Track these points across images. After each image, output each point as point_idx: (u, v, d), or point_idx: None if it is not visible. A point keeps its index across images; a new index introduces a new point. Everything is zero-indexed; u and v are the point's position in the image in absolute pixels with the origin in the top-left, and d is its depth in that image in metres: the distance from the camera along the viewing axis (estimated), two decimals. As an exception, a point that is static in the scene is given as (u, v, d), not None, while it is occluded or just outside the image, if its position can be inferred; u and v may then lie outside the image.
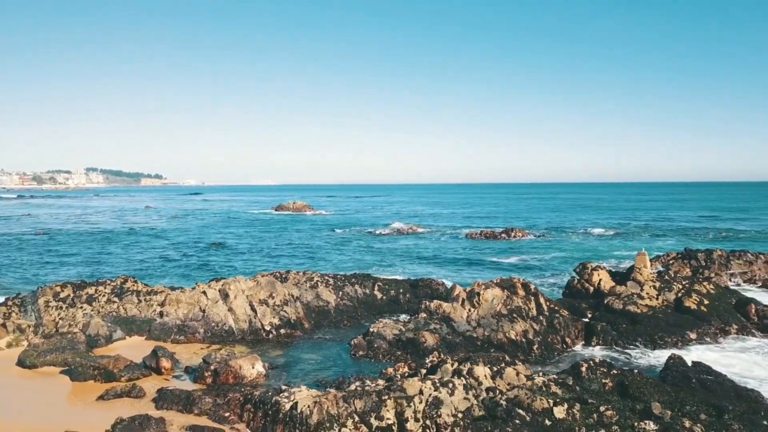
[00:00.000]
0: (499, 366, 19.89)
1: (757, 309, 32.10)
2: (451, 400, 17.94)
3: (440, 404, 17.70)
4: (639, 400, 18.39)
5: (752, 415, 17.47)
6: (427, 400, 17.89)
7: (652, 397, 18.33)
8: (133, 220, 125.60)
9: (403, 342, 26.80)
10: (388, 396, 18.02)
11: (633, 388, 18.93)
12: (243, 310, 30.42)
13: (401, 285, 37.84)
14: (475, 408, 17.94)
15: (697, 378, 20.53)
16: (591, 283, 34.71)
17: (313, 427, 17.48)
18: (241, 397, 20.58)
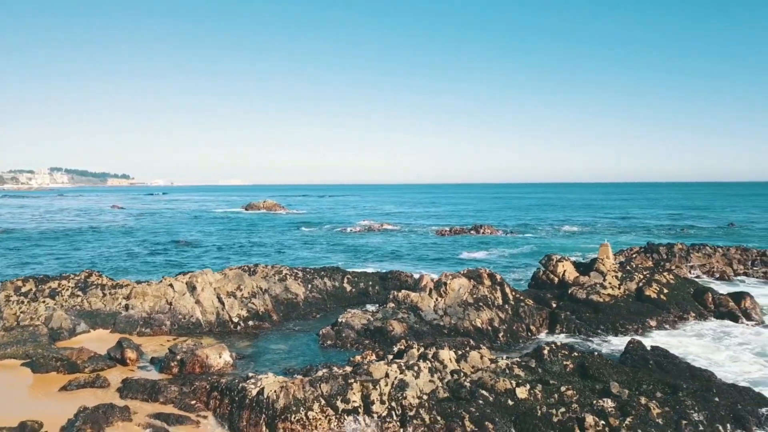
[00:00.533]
0: (464, 350, 20.25)
1: (714, 297, 33.23)
2: (416, 383, 18.21)
3: (406, 386, 17.97)
4: (598, 380, 18.94)
5: (704, 393, 18.17)
6: (393, 382, 18.14)
7: (611, 378, 18.90)
8: (99, 218, 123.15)
9: (371, 331, 27.02)
10: (354, 379, 18.22)
11: (593, 369, 19.48)
12: (210, 302, 30.25)
13: (370, 278, 38.06)
14: (440, 390, 18.26)
15: (654, 360, 21.22)
16: (556, 274, 35.43)
17: (280, 411, 17.56)
18: (208, 386, 20.51)
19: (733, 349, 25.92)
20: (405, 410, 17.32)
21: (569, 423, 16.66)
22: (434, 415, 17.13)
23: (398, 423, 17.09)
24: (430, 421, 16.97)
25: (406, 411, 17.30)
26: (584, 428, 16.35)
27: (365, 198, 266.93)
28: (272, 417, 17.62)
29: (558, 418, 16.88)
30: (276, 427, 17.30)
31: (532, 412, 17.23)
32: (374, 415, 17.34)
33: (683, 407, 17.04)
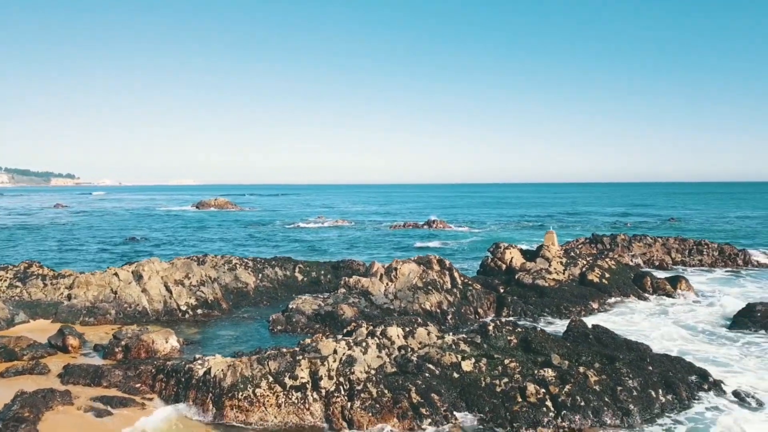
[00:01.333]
0: (412, 327, 20.59)
1: (652, 281, 34.74)
2: (364, 358, 18.43)
3: (353, 362, 18.15)
4: (540, 353, 19.60)
5: (639, 362, 19.05)
6: (341, 358, 18.30)
7: (552, 351, 19.58)
8: (41, 216, 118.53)
9: (321, 316, 27.09)
10: (302, 356, 18.29)
11: (535, 344, 20.14)
12: (157, 290, 29.68)
13: (323, 267, 38.08)
14: (388, 365, 18.53)
15: (593, 335, 22.08)
16: (503, 260, 36.29)
17: (227, 389, 17.48)
18: (153, 369, 20.18)
19: (669, 325, 27.21)
20: (353, 384, 17.50)
21: (512, 392, 17.20)
22: (381, 388, 17.37)
23: (346, 397, 17.25)
24: (378, 394, 17.20)
25: (353, 385, 17.48)
26: (526, 396, 16.92)
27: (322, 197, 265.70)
28: (219, 395, 17.51)
29: (501, 388, 17.40)
30: (223, 405, 17.21)
31: (477, 383, 17.70)
32: (322, 391, 17.46)
33: (619, 375, 17.83)
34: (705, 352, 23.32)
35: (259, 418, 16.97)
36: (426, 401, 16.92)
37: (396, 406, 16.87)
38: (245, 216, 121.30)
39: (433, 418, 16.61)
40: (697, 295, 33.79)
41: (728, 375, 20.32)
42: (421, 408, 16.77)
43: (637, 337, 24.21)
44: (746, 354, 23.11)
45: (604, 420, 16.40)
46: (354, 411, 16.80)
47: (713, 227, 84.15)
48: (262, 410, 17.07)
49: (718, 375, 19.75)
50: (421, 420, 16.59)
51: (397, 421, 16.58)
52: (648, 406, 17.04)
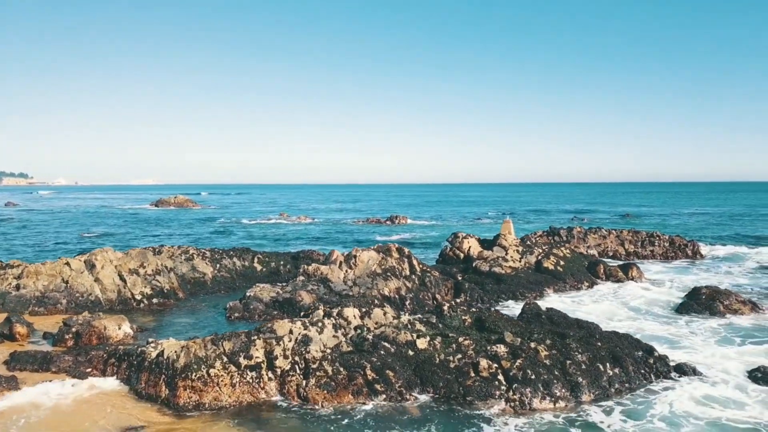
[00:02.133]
0: (369, 308, 20.72)
1: (605, 268, 35.74)
2: (320, 338, 18.47)
3: (309, 341, 18.17)
4: (494, 332, 19.96)
5: (589, 338, 19.61)
6: (297, 338, 18.30)
7: (505, 329, 19.97)
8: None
9: (279, 303, 26.98)
10: (257, 336, 18.22)
11: (489, 323, 20.51)
12: (111, 280, 29.06)
13: (282, 257, 37.88)
14: (344, 344, 18.61)
15: (546, 315, 22.62)
16: (462, 249, 36.77)
17: (180, 369, 17.28)
18: (105, 354, 19.80)
19: (620, 308, 28.11)
20: (308, 363, 17.54)
21: (465, 368, 17.50)
22: (337, 366, 17.45)
23: (301, 375, 17.28)
24: (333, 372, 17.28)
25: (309, 364, 17.52)
26: (479, 371, 17.24)
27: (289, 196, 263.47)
28: (172, 376, 17.29)
29: (455, 363, 17.68)
30: (176, 386, 16.99)
31: (431, 360, 17.95)
32: (277, 370, 17.43)
33: (569, 350, 18.32)
34: (652, 331, 24.16)
35: (213, 398, 16.81)
36: (381, 378, 17.08)
37: (351, 383, 16.98)
38: (206, 213, 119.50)
39: (387, 393, 16.78)
40: (648, 281, 34.91)
41: (673, 351, 21.12)
42: (375, 384, 16.92)
43: (589, 318, 24.88)
44: (690, 332, 24.05)
45: (554, 392, 16.84)
46: (309, 388, 16.84)
47: (666, 222, 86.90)
48: (216, 390, 16.93)
49: (664, 351, 20.48)
50: (376, 396, 16.74)
51: (352, 398, 16.69)
52: (596, 378, 17.56)
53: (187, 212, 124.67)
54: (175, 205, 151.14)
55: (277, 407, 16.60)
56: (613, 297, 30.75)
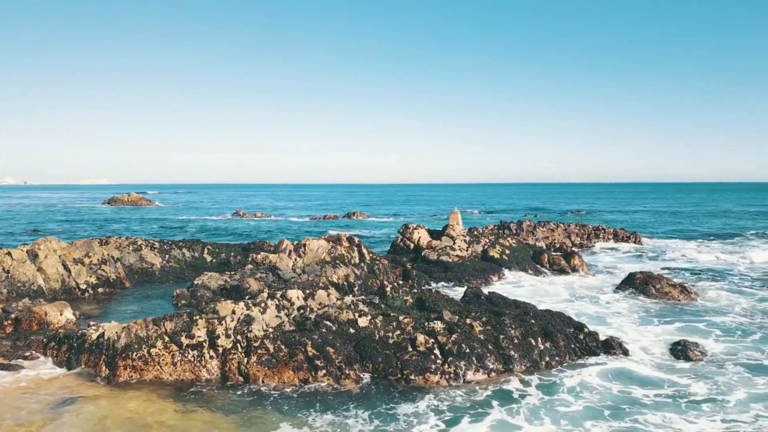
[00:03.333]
0: (313, 290, 21.14)
1: (549, 257, 37.02)
2: (262, 318, 18.80)
3: (251, 321, 18.49)
4: (434, 311, 20.67)
5: (523, 316, 20.50)
6: (239, 318, 18.59)
7: (444, 308, 20.69)
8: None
9: (227, 290, 27.11)
10: (199, 317, 18.43)
11: (429, 302, 21.22)
12: (55, 269, 28.61)
13: (233, 248, 37.86)
14: (286, 323, 18.99)
15: (485, 297, 23.48)
16: (412, 240, 37.52)
17: (120, 349, 17.37)
18: (45, 338, 19.68)
19: (559, 292, 29.26)
20: (250, 342, 17.85)
21: (403, 343, 18.11)
22: (278, 344, 17.82)
23: (243, 353, 17.58)
24: (275, 349, 17.64)
25: (251, 342, 17.84)
26: (416, 346, 17.88)
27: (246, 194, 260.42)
28: (113, 356, 17.37)
29: (394, 339, 18.28)
30: (117, 365, 17.09)
31: (372, 337, 18.49)
32: (219, 348, 17.70)
33: (503, 326, 19.15)
34: (588, 311, 25.33)
35: (153, 376, 16.98)
36: (321, 354, 17.53)
37: (292, 359, 17.38)
38: (160, 211, 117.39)
39: (328, 369, 17.24)
40: (589, 268, 36.36)
41: (604, 329, 22.23)
42: (316, 360, 17.36)
43: (529, 301, 25.90)
44: (621, 313, 25.32)
45: (487, 365, 17.63)
46: (250, 365, 17.17)
47: (613, 218, 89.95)
48: (157, 368, 17.10)
49: (595, 329, 21.54)
50: (316, 371, 17.18)
51: (293, 374, 17.09)
52: (527, 352, 18.43)
53: (141, 210, 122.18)
54: (128, 203, 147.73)
55: (217, 384, 16.88)
56: (555, 282, 31.97)
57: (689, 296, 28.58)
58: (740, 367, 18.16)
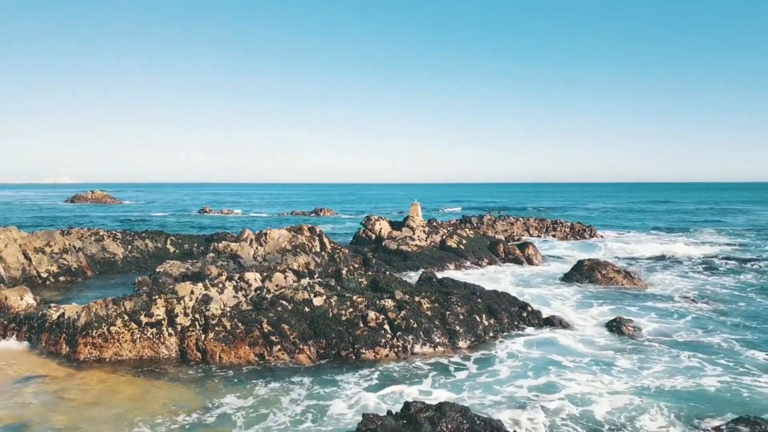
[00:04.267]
0: (270, 273, 21.97)
1: (505, 247, 38.46)
2: (220, 298, 19.56)
3: (209, 301, 19.24)
4: (387, 291, 21.69)
5: (470, 295, 21.70)
6: (198, 298, 19.32)
7: (397, 288, 21.73)
8: None
9: (189, 277, 27.67)
10: (158, 296, 19.11)
11: (382, 284, 22.23)
12: (15, 258, 28.79)
13: (195, 240, 38.31)
14: (243, 303, 19.79)
15: (437, 280, 24.63)
16: (374, 231, 38.55)
17: (81, 328, 17.95)
18: (5, 320, 20.07)
19: (511, 278, 30.65)
20: (208, 320, 18.61)
21: (355, 320, 19.10)
22: (236, 322, 18.62)
23: (201, 331, 18.33)
24: (232, 327, 18.44)
25: (209, 320, 18.59)
26: (367, 322, 18.88)
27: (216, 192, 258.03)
28: (73, 334, 17.94)
29: (346, 317, 19.25)
30: (77, 343, 17.66)
31: (325, 315, 19.42)
32: (178, 326, 18.41)
33: (449, 304, 20.29)
34: (534, 294, 26.70)
35: (113, 353, 17.62)
36: (277, 331, 18.39)
37: (248, 335, 18.21)
38: (124, 208, 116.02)
39: (283, 344, 18.11)
40: (543, 258, 37.92)
41: (549, 309, 23.60)
42: (271, 336, 18.22)
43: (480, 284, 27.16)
44: (567, 295, 26.80)
45: (434, 339, 18.74)
46: (207, 342, 17.94)
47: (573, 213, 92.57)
48: (117, 346, 17.74)
49: (540, 309, 22.88)
50: (272, 347, 18.04)
51: (249, 349, 17.92)
52: (472, 327, 19.61)
53: (105, 207, 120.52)
54: (92, 201, 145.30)
55: (176, 361, 17.61)
56: (507, 269, 33.40)
57: (633, 281, 30.24)
58: (667, 344, 19.46)
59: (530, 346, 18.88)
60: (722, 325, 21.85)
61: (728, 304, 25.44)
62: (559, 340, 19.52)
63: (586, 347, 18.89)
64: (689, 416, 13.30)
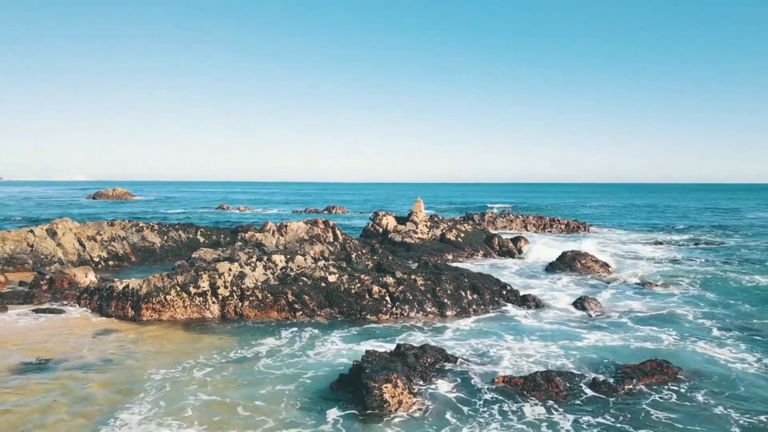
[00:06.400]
0: (293, 256, 26.40)
1: (499, 240, 42.65)
2: (252, 274, 24.01)
3: (244, 276, 23.70)
4: (389, 272, 26.04)
5: (458, 275, 25.98)
6: (234, 274, 23.79)
7: (398, 270, 26.07)
8: None
9: (221, 261, 32.17)
10: (203, 272, 23.60)
11: (386, 266, 26.58)
12: (72, 245, 33.48)
13: (222, 231, 42.88)
14: (271, 279, 24.23)
15: (433, 264, 28.93)
16: (381, 225, 42.91)
17: (143, 296, 22.47)
18: (77, 292, 24.66)
19: (500, 267, 34.84)
20: (243, 291, 23.06)
21: (362, 292, 23.47)
22: (265, 293, 23.06)
23: (238, 299, 22.79)
24: (262, 297, 22.88)
25: (244, 291, 23.05)
26: (372, 294, 23.25)
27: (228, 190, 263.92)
28: (137, 301, 22.45)
29: (355, 290, 23.63)
30: (140, 308, 22.17)
31: (338, 289, 23.82)
32: (219, 296, 22.88)
33: (440, 281, 24.61)
34: (519, 280, 30.93)
35: (169, 316, 22.13)
36: (299, 300, 22.82)
37: (276, 303, 22.65)
38: (146, 204, 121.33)
39: (304, 310, 22.54)
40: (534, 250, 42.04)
41: (526, 290, 27.80)
42: (295, 304, 22.66)
43: (470, 270, 31.36)
44: (546, 281, 31.01)
45: (426, 309, 23.07)
46: (244, 308, 22.41)
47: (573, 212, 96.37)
48: (172, 310, 22.25)
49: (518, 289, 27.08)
50: (295, 313, 22.47)
51: (277, 314, 22.37)
52: (458, 301, 23.90)
53: (127, 204, 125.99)
54: (113, 198, 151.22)
55: (218, 320, 22.10)
56: (499, 263, 37.60)
57: (607, 270, 34.34)
58: (629, 319, 23.32)
59: (503, 316, 23.17)
60: (676, 304, 25.94)
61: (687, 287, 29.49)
62: (529, 313, 23.78)
63: (549, 319, 23.13)
64: (609, 363, 17.44)
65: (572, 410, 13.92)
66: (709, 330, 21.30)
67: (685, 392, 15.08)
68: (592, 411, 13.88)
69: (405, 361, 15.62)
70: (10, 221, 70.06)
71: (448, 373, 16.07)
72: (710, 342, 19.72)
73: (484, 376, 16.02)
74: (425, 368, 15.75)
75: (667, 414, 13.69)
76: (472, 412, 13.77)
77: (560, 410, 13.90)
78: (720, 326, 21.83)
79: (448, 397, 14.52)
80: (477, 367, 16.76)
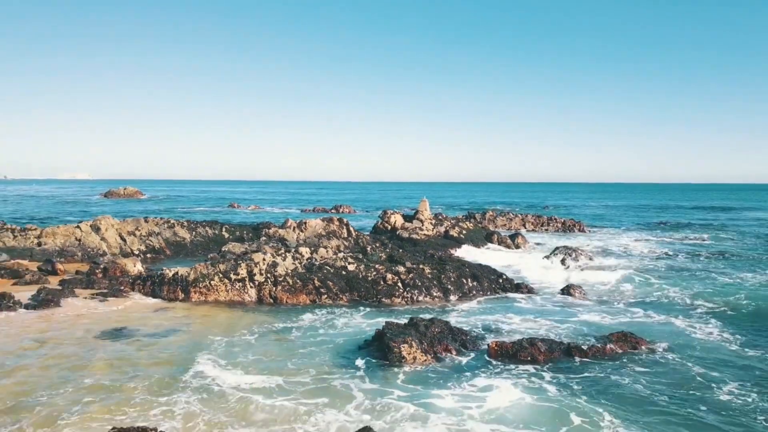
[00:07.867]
0: (316, 248, 30.22)
1: (498, 237, 46.45)
2: (284, 263, 27.85)
3: (277, 265, 27.54)
4: (400, 262, 29.86)
5: (460, 266, 29.78)
6: (268, 263, 27.63)
7: (408, 260, 29.89)
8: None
9: (248, 254, 36.04)
10: (242, 261, 27.45)
11: (397, 257, 30.41)
12: (114, 239, 37.37)
13: (245, 228, 46.76)
14: (299, 268, 28.08)
15: (438, 257, 32.74)
16: (390, 223, 46.71)
17: (191, 282, 26.32)
18: (131, 279, 28.52)
19: (499, 260, 38.63)
20: (276, 277, 26.89)
21: (378, 279, 27.29)
22: (295, 279, 26.88)
23: (272, 284, 26.62)
24: (293, 282, 26.71)
25: (277, 278, 26.88)
26: (386, 281, 27.06)
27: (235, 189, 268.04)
28: (186, 286, 26.29)
29: (371, 277, 27.44)
30: (189, 292, 26.02)
31: (357, 276, 27.64)
32: (256, 282, 26.71)
33: (444, 270, 28.41)
34: (513, 269, 34.70)
35: (214, 298, 25.97)
36: (324, 286, 26.64)
37: (305, 288, 26.47)
38: (158, 202, 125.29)
39: (328, 294, 26.36)
40: (530, 246, 45.81)
41: (520, 279, 31.58)
42: (321, 289, 26.48)
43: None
44: (537, 272, 34.78)
45: (432, 293, 26.87)
46: (277, 291, 26.24)
47: (573, 212, 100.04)
48: (216, 293, 26.09)
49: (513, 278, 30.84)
50: (320, 296, 26.30)
51: (305, 297, 26.20)
52: (460, 287, 27.70)
53: (138, 202, 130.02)
54: (124, 196, 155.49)
55: (255, 303, 25.93)
56: (497, 253, 41.38)
57: (592, 263, 38.11)
58: (608, 304, 27.14)
59: (499, 300, 26.96)
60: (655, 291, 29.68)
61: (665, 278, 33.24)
62: (520, 298, 27.58)
63: (539, 302, 26.92)
64: (586, 335, 21.23)
65: (551, 368, 17.69)
66: (681, 311, 25.03)
67: (644, 356, 18.85)
68: (565, 368, 17.65)
69: (417, 329, 19.42)
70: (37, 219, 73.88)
71: (451, 340, 19.86)
72: (678, 319, 23.46)
73: (481, 342, 19.83)
74: (433, 335, 19.54)
75: (626, 370, 17.47)
76: (469, 366, 17.58)
77: (541, 368, 17.68)
78: (690, 307, 25.60)
79: (451, 356, 18.33)
80: (476, 336, 20.55)
